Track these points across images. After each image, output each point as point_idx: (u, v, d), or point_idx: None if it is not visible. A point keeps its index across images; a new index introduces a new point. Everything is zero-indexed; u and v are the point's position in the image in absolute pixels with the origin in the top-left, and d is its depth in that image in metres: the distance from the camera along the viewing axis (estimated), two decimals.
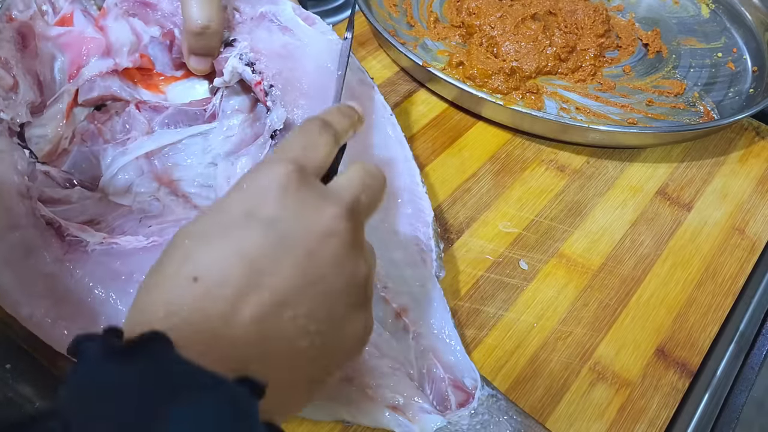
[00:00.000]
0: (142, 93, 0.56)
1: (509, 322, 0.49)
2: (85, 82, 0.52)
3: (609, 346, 0.49)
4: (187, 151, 0.53)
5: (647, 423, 0.45)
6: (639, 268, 0.54)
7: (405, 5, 0.76)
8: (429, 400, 0.42)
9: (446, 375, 0.43)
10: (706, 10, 0.81)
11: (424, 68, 0.63)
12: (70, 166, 0.51)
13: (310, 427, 0.42)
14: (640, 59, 0.74)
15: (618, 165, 0.63)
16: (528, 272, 0.53)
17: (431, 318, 0.45)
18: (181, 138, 0.53)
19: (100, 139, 0.53)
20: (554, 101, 0.66)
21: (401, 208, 0.49)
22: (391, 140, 0.54)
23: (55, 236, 0.44)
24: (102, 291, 0.42)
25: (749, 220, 0.59)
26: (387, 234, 0.48)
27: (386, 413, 0.41)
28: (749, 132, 0.68)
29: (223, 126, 0.54)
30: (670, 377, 0.48)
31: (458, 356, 0.44)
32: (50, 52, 0.52)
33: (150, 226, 0.47)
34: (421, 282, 0.46)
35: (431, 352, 0.44)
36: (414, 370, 0.43)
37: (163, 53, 0.56)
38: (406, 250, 0.47)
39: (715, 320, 0.52)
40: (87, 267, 0.43)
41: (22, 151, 0.47)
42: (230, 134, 0.53)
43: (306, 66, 0.53)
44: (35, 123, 0.50)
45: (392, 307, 0.45)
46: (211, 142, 0.53)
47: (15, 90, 0.48)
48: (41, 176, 0.48)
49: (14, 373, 0.45)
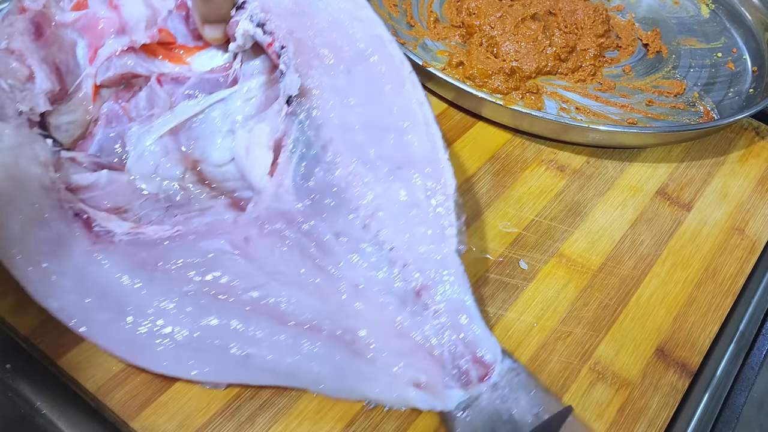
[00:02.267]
0: (162, 66, 0.55)
1: (509, 322, 0.50)
2: (102, 63, 0.52)
3: (609, 346, 0.49)
4: (209, 122, 0.52)
5: (647, 423, 0.45)
6: (639, 268, 0.54)
7: (405, 5, 0.76)
8: (451, 376, 0.43)
9: (467, 350, 0.43)
10: (705, 10, 0.81)
11: (424, 68, 0.63)
12: (97, 149, 0.51)
13: (309, 427, 0.42)
14: (640, 59, 0.74)
15: (618, 165, 0.63)
16: (528, 272, 0.53)
17: (452, 294, 0.45)
18: (203, 107, 0.52)
19: (125, 118, 0.52)
20: (554, 101, 0.66)
21: (422, 180, 0.47)
22: (410, 101, 0.50)
23: (83, 227, 0.44)
24: (129, 281, 0.43)
25: (749, 220, 0.59)
26: (407, 208, 0.47)
27: (410, 391, 0.42)
28: (749, 132, 0.68)
29: (243, 88, 0.52)
30: (670, 377, 0.48)
31: (479, 331, 0.44)
32: (70, 37, 0.52)
33: (176, 216, 0.48)
34: (441, 258, 0.46)
35: (452, 328, 0.44)
36: (435, 346, 0.43)
37: (182, 25, 0.55)
38: (427, 225, 0.46)
39: (715, 320, 0.52)
40: (114, 257, 0.44)
41: (43, 141, 0.47)
42: (250, 96, 0.52)
43: (320, 22, 0.51)
44: (63, 110, 0.50)
45: (412, 285, 0.45)
46: (231, 106, 0.52)
47: (31, 80, 0.48)
48: (67, 163, 0.48)
49: (14, 373, 0.45)
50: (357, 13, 0.52)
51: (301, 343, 0.42)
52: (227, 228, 0.46)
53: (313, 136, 0.47)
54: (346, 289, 0.44)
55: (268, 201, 0.46)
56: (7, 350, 0.46)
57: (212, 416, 0.42)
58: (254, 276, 0.44)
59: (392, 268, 0.45)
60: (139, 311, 0.42)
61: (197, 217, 0.47)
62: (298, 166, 0.47)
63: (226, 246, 0.45)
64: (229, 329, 0.42)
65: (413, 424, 0.43)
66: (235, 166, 0.51)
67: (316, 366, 0.42)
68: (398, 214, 0.46)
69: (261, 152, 0.49)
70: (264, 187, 0.47)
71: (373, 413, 0.43)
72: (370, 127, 0.48)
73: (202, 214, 0.48)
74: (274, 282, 0.44)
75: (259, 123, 0.50)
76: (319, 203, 0.46)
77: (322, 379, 0.42)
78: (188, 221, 0.47)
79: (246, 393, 0.43)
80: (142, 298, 0.42)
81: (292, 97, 0.48)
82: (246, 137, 0.50)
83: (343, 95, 0.49)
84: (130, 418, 0.41)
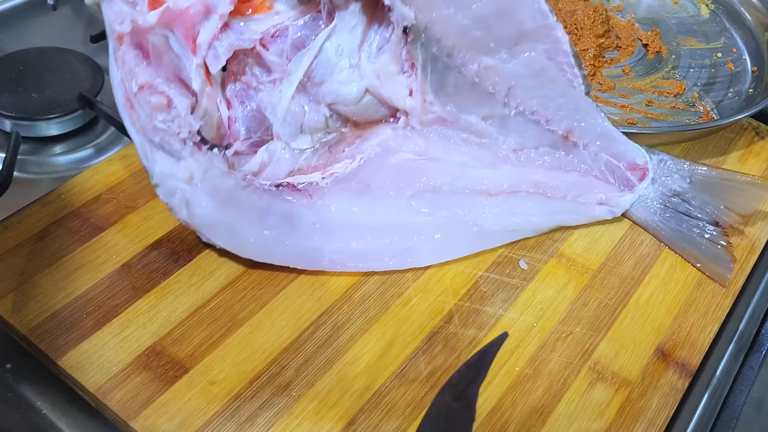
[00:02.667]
0: (255, 24, 0.53)
1: (509, 321, 0.50)
2: (208, 53, 0.50)
3: (609, 346, 0.49)
4: (327, 64, 0.53)
5: (647, 423, 0.45)
6: (639, 268, 0.54)
7: None
8: (618, 187, 0.55)
9: (620, 162, 0.55)
10: (705, 11, 0.81)
11: None
12: (246, 131, 0.53)
13: (309, 427, 0.42)
14: (640, 59, 0.74)
15: None
16: (528, 272, 0.53)
17: (592, 127, 0.54)
18: (315, 54, 0.52)
19: (251, 92, 0.53)
20: None
21: (540, 45, 0.53)
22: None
23: (292, 192, 0.51)
24: (360, 207, 0.51)
25: (749, 220, 0.59)
26: (535, 74, 0.53)
27: (596, 209, 0.55)
28: (749, 132, 0.68)
29: (342, 20, 0.53)
30: (670, 377, 0.48)
31: (623, 145, 0.54)
32: (163, 40, 0.49)
33: (344, 150, 0.53)
34: (574, 104, 0.53)
35: (602, 151, 0.55)
36: (596, 170, 0.55)
37: None
38: (556, 83, 0.53)
39: (715, 320, 0.52)
40: (334, 197, 0.51)
41: (217, 155, 0.48)
42: (353, 24, 0.53)
43: None
44: (198, 113, 0.50)
45: (558, 133, 0.54)
46: (340, 41, 0.53)
47: (171, 105, 0.47)
48: (235, 158, 0.50)
49: (14, 373, 0.45)
50: None
51: (513, 204, 0.53)
52: (399, 141, 0.54)
53: (437, 50, 0.51)
54: (511, 156, 0.55)
55: (420, 116, 0.54)
56: (7, 350, 0.46)
57: (212, 416, 0.42)
58: (449, 170, 0.54)
59: (538, 126, 0.54)
60: (386, 225, 0.51)
61: (362, 143, 0.54)
62: (433, 80, 0.53)
63: (411, 155, 0.54)
64: (457, 214, 0.52)
65: (413, 423, 0.43)
66: (370, 97, 0.53)
67: (532, 217, 0.53)
68: (529, 83, 0.53)
69: (395, 80, 0.53)
70: (412, 107, 0.54)
71: (373, 413, 0.44)
72: (482, 20, 0.52)
73: (365, 139, 0.54)
74: (465, 168, 0.54)
75: (381, 55, 0.52)
76: (462, 101, 0.53)
77: (538, 225, 0.54)
78: (358, 149, 0.54)
79: (246, 393, 0.43)
80: (380, 215, 0.51)
81: (407, 27, 0.50)
82: (373, 69, 0.53)
83: (448, 3, 0.51)
84: (130, 418, 0.41)
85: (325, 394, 0.44)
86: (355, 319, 0.48)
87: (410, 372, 0.46)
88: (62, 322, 0.45)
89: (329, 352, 0.46)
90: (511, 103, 0.53)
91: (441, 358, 0.47)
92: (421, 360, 0.46)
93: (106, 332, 0.45)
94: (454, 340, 0.48)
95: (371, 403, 0.44)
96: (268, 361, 0.45)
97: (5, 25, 0.76)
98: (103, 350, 0.44)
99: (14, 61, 0.68)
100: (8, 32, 0.75)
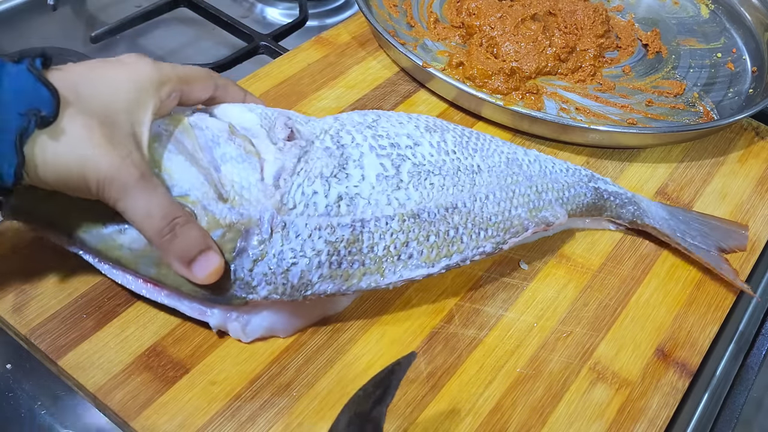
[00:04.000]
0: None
1: (509, 322, 0.50)
2: None
3: (609, 346, 0.49)
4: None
5: (647, 423, 0.45)
6: (639, 268, 0.54)
7: (405, 5, 0.76)
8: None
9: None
10: (705, 11, 0.81)
11: (424, 69, 0.63)
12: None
13: (309, 427, 0.42)
14: (640, 59, 0.74)
15: (618, 165, 0.63)
16: (528, 272, 0.53)
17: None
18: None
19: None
20: (554, 102, 0.66)
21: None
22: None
23: None
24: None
25: (749, 220, 0.59)
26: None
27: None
28: (749, 132, 0.69)
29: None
30: (670, 377, 0.48)
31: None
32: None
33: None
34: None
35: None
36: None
37: None
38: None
39: (715, 320, 0.52)
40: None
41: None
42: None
43: None
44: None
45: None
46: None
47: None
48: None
49: (14, 373, 0.45)
50: None
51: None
52: None
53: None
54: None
55: None
56: (7, 350, 0.46)
57: (213, 416, 0.42)
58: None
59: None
60: None
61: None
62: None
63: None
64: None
65: (413, 423, 0.43)
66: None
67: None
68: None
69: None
70: None
71: None
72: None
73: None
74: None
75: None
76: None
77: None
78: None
79: (246, 393, 0.43)
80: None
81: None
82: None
83: None
84: (130, 419, 0.41)
85: (325, 394, 0.44)
86: (355, 319, 0.48)
87: (410, 372, 0.46)
88: (62, 322, 0.45)
89: (329, 353, 0.46)
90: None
91: (441, 358, 0.47)
92: (422, 360, 0.46)
93: (107, 332, 0.45)
94: (454, 341, 0.48)
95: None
96: (268, 361, 0.45)
97: (5, 25, 0.76)
98: (104, 350, 0.44)
99: None
100: (8, 32, 0.75)
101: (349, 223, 0.43)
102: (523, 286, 0.52)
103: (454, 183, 0.47)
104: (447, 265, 0.46)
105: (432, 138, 0.49)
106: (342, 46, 0.71)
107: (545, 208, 0.50)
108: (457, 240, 0.46)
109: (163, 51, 0.78)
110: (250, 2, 0.86)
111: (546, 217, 0.50)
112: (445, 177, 0.47)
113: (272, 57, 0.73)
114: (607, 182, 0.56)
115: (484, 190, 0.48)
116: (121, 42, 0.77)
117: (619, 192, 0.56)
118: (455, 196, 0.47)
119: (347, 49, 0.71)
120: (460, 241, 0.46)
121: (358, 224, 0.44)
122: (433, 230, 0.45)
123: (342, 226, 0.43)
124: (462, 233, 0.46)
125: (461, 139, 0.50)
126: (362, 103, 0.65)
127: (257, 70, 0.66)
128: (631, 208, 0.55)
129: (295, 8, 0.84)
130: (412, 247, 0.45)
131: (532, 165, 0.52)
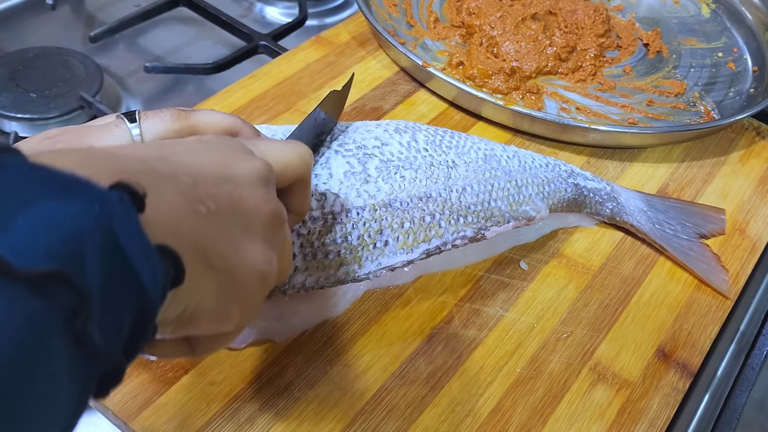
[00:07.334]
0: None
1: (510, 322, 0.49)
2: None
3: (609, 347, 0.49)
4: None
5: (647, 423, 0.45)
6: (639, 269, 0.54)
7: (405, 5, 0.76)
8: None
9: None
10: (706, 10, 0.81)
11: (424, 68, 0.63)
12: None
13: (309, 428, 0.42)
14: (641, 59, 0.74)
15: (618, 165, 0.63)
16: (528, 272, 0.53)
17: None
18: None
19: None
20: (554, 101, 0.66)
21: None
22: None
23: None
24: None
25: (750, 220, 0.59)
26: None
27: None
28: (750, 132, 0.68)
29: None
30: (671, 378, 0.48)
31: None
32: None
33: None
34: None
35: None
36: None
37: None
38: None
39: (716, 320, 0.52)
40: None
41: None
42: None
43: None
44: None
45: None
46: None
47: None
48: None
49: None
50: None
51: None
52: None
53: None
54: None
55: None
56: None
57: (212, 417, 0.42)
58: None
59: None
60: None
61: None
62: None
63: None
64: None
65: (413, 424, 0.43)
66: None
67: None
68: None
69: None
70: None
71: (373, 414, 0.43)
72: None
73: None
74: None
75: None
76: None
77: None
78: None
79: (245, 394, 0.43)
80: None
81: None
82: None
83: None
84: (129, 419, 0.41)
85: (325, 395, 0.44)
86: (355, 319, 0.48)
87: (410, 373, 0.46)
88: None
89: (329, 353, 0.46)
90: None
91: (441, 359, 0.47)
92: (422, 361, 0.46)
93: None
94: (454, 341, 0.48)
95: (371, 404, 0.44)
96: (268, 362, 0.45)
97: (5, 25, 0.76)
98: None
99: (14, 61, 0.68)
100: (8, 32, 0.75)
101: (320, 216, 0.44)
102: (523, 286, 0.52)
103: (428, 176, 0.47)
104: (426, 249, 0.46)
105: (402, 138, 0.49)
106: (341, 45, 0.71)
107: (525, 203, 0.51)
108: (435, 225, 0.46)
109: (162, 50, 0.77)
110: (250, 2, 0.86)
111: (527, 211, 0.50)
112: (417, 171, 0.47)
113: (272, 57, 0.73)
114: (587, 178, 0.56)
115: (461, 183, 0.48)
116: (119, 41, 0.77)
117: (598, 188, 0.56)
118: (428, 187, 0.47)
119: (347, 49, 0.71)
120: (438, 226, 0.46)
121: (329, 216, 0.44)
122: (407, 217, 0.45)
123: (313, 219, 0.43)
124: (439, 219, 0.46)
125: (434, 137, 0.51)
126: (362, 102, 0.65)
127: (256, 70, 0.66)
128: (611, 205, 0.56)
129: (295, 8, 0.83)
130: (386, 234, 0.45)
131: (511, 160, 0.52)
